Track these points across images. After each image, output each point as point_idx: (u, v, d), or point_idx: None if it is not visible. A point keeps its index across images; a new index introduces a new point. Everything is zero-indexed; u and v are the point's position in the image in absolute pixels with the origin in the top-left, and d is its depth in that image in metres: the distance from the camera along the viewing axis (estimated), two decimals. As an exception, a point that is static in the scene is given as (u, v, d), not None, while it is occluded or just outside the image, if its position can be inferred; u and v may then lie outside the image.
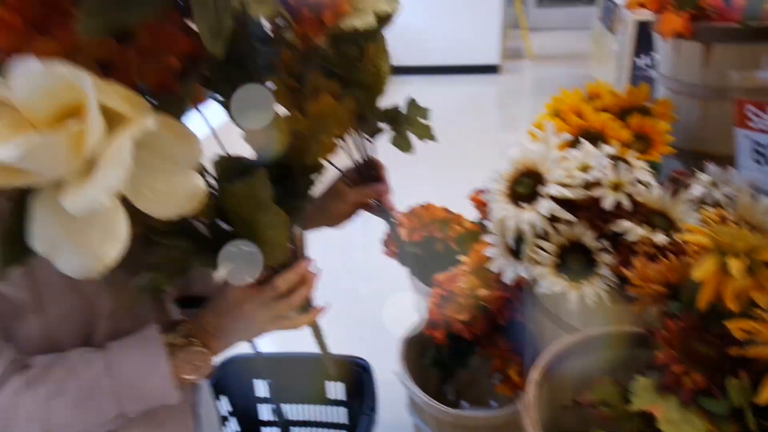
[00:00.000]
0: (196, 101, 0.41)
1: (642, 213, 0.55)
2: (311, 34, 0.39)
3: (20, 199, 0.29)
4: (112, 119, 0.27)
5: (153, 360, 0.47)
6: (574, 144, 0.62)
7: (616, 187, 0.54)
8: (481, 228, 0.95)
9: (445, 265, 0.81)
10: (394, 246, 0.93)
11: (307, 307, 0.53)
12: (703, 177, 0.62)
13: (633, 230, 0.53)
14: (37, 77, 0.26)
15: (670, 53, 0.71)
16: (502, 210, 0.56)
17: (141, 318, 0.50)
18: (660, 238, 0.52)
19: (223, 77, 0.40)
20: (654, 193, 0.56)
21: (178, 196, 0.31)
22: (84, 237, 0.28)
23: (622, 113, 0.71)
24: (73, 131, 0.26)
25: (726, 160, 0.64)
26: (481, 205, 0.96)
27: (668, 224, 0.55)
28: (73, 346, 0.47)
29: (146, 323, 0.49)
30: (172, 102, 0.33)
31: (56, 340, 0.47)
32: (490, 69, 4.31)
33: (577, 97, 0.72)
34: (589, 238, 0.55)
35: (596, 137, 0.65)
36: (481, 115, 3.74)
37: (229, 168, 0.42)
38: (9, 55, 0.27)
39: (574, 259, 0.56)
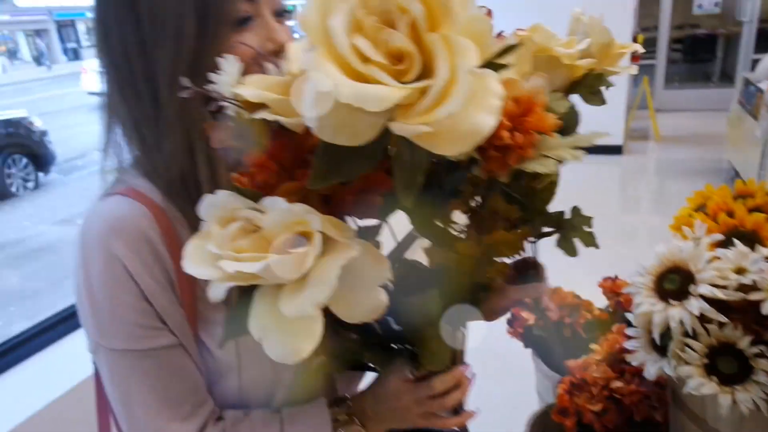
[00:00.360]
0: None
1: (805, 322, 0.53)
2: (496, 170, 0.42)
3: (246, 292, 0.38)
4: (325, 241, 0.36)
5: (320, 430, 0.54)
6: (724, 243, 0.61)
7: (776, 292, 0.53)
8: (611, 316, 0.93)
9: (572, 351, 0.81)
10: (519, 327, 0.94)
11: (459, 410, 0.57)
12: None
13: (795, 339, 0.51)
14: (282, 213, 0.35)
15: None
16: (650, 305, 0.56)
17: (313, 390, 0.58)
18: (827, 350, 0.49)
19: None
20: (818, 302, 0.54)
21: (365, 307, 0.38)
22: (288, 332, 0.36)
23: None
24: (299, 253, 0.35)
25: None
26: (612, 294, 0.95)
27: (836, 336, 0.52)
28: (256, 406, 0.56)
29: (317, 396, 0.56)
30: (371, 231, 0.41)
31: (244, 398, 0.57)
32: (613, 150, 4.22)
33: (725, 193, 0.72)
34: (744, 342, 0.53)
35: (749, 238, 0.64)
36: (603, 196, 3.64)
37: (407, 273, 0.47)
38: (261, 190, 0.38)
39: (725, 362, 0.55)
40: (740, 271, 0.55)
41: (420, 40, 0.31)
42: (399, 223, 0.49)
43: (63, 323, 1.50)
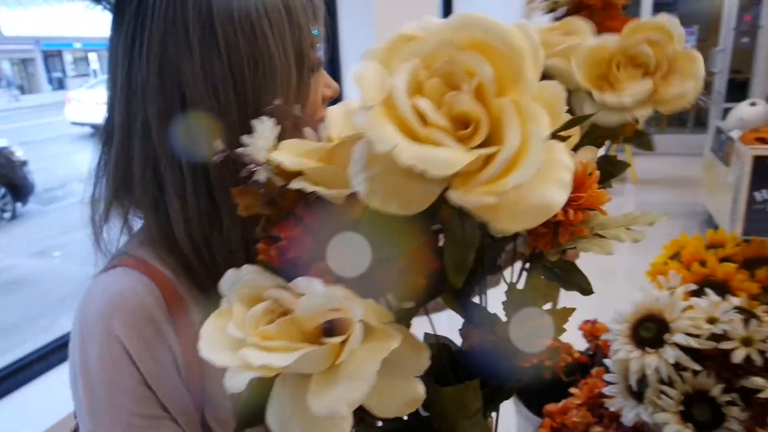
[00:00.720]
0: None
1: (775, 371, 0.55)
2: (542, 248, 0.40)
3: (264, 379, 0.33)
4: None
5: None
6: (697, 293, 0.63)
7: (747, 341, 0.55)
8: (590, 360, 0.95)
9: (553, 394, 0.82)
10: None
11: None
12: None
13: (765, 388, 0.53)
14: (319, 297, 0.31)
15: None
16: (626, 352, 0.58)
17: None
18: (796, 399, 0.51)
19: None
20: (787, 351, 0.56)
21: (400, 401, 0.33)
22: (313, 426, 0.31)
23: (747, 263, 0.71)
24: (335, 343, 0.31)
25: None
26: (592, 337, 0.96)
27: (804, 385, 0.54)
28: None
29: None
30: (410, 314, 0.37)
31: None
32: (592, 191, 4.30)
33: (698, 243, 0.75)
34: (716, 390, 0.55)
35: (720, 287, 0.67)
36: (583, 237, 3.69)
37: (440, 357, 0.43)
38: (291, 267, 0.34)
39: (700, 409, 0.56)
40: (712, 320, 0.57)
41: (486, 105, 0.29)
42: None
43: (39, 362, 1.47)
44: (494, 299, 0.46)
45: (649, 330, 0.59)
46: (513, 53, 0.29)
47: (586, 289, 0.44)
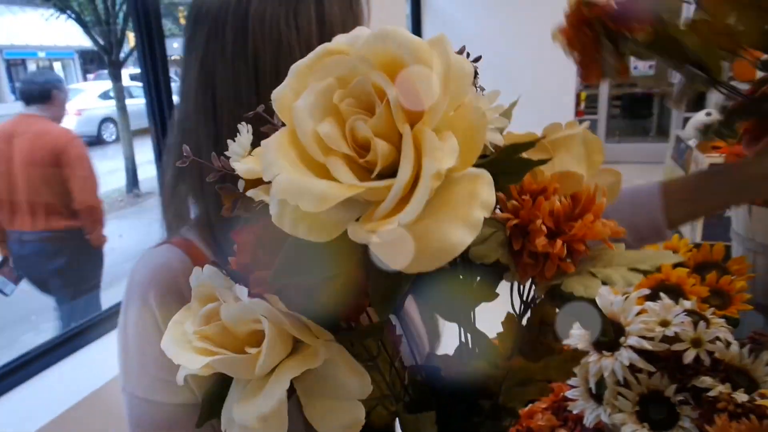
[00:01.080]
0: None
1: (722, 370, 0.57)
2: (536, 280, 0.35)
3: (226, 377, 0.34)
4: (298, 345, 0.32)
5: None
6: (651, 296, 0.66)
7: (697, 342, 0.58)
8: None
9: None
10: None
11: None
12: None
13: (714, 387, 0.55)
14: (236, 307, 0.32)
15: (743, 216, 0.76)
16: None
17: None
18: (742, 397, 0.54)
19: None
20: (733, 351, 0.59)
21: (341, 422, 0.33)
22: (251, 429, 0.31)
23: (699, 268, 0.75)
24: (251, 356, 0.31)
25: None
26: (557, 342, 0.99)
27: (750, 383, 0.57)
28: None
29: None
30: (353, 337, 0.35)
31: None
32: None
33: (653, 249, 0.78)
34: (670, 390, 0.58)
35: (673, 291, 0.70)
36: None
37: (417, 382, 0.41)
38: (241, 270, 0.34)
39: (655, 409, 0.59)
40: (664, 323, 0.59)
41: (392, 131, 0.26)
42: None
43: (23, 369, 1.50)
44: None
45: (606, 334, 0.61)
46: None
47: (607, 334, 0.39)
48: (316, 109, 0.27)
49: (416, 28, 4.93)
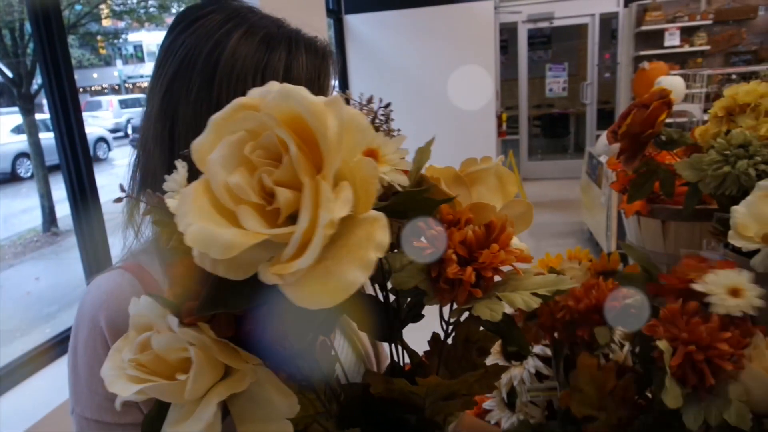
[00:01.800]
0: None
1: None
2: (443, 304, 0.38)
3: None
4: (230, 370, 0.34)
5: None
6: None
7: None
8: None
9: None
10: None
11: None
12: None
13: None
14: (165, 337, 0.33)
15: (634, 225, 0.84)
16: (496, 366, 0.63)
17: None
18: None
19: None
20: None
21: None
22: None
23: (599, 276, 0.81)
24: (180, 382, 0.33)
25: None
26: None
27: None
28: None
29: None
30: (282, 361, 0.36)
31: None
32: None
33: (558, 260, 0.83)
34: (573, 393, 0.62)
35: (576, 299, 0.75)
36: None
37: (348, 398, 0.44)
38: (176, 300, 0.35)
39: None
40: (565, 330, 0.64)
41: (294, 182, 0.28)
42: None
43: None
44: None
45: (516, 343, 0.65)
46: (318, 130, 0.28)
47: (524, 349, 0.42)
48: (228, 160, 0.30)
49: (341, 53, 5.01)
